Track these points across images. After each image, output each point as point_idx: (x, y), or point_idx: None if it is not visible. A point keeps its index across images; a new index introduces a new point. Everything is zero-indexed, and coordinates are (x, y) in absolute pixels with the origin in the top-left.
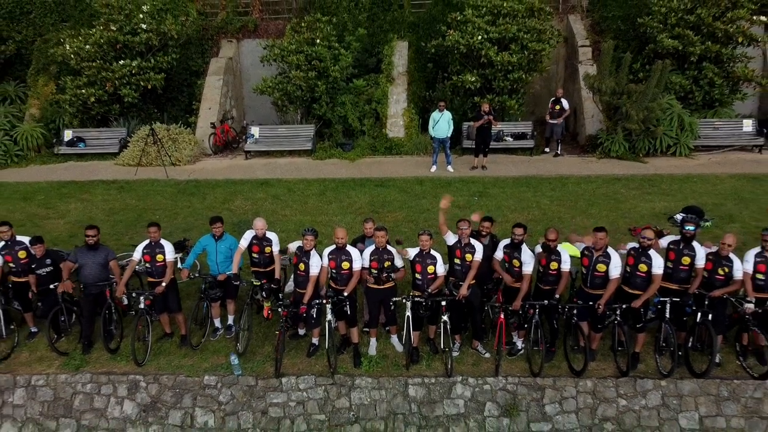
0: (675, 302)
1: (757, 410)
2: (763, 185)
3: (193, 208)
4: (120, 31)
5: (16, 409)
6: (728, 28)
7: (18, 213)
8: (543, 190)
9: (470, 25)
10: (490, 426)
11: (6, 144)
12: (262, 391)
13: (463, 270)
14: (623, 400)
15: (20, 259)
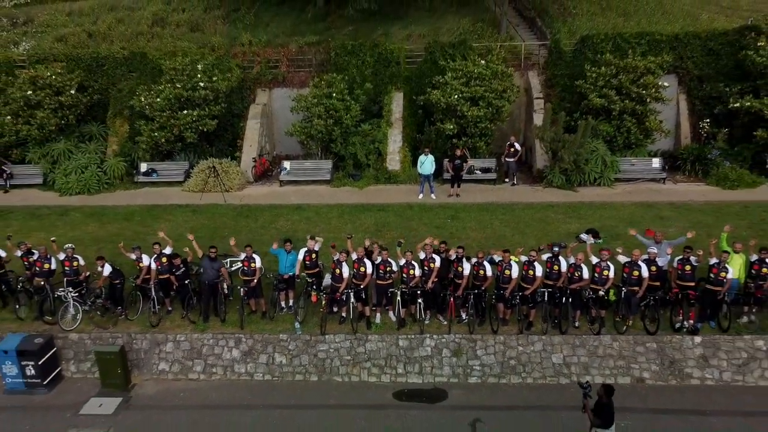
0: (550, 292)
1: (595, 353)
2: (653, 210)
3: (249, 227)
4: (183, 87)
5: (168, 354)
6: (640, 91)
7: (126, 230)
8: (497, 214)
9: (449, 86)
10: (445, 362)
11: (98, 175)
12: (314, 342)
13: (428, 272)
14: (521, 347)
15: (163, 264)
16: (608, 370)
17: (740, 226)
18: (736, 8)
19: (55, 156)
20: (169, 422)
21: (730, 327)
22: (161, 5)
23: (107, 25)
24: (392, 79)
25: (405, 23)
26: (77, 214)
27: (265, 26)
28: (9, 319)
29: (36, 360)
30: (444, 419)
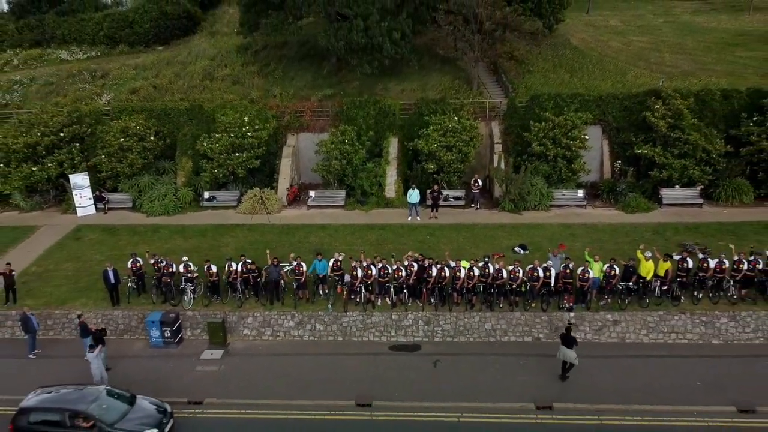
0: (485, 286)
1: (511, 322)
2: (570, 229)
3: (289, 242)
4: (235, 137)
5: (249, 324)
6: (569, 142)
7: (203, 243)
8: (462, 232)
9: (430, 137)
10: (420, 328)
11: (174, 200)
12: (339, 317)
13: (410, 274)
14: (466, 319)
15: (246, 268)
16: (519, 332)
17: (624, 241)
18: (661, 64)
19: (140, 186)
20: (252, 364)
21: (591, 306)
22: (208, 61)
23: (168, 79)
24: (389, 127)
25: (400, 79)
26: (165, 231)
27: (291, 79)
28: (146, 304)
29: (170, 327)
30: (418, 361)
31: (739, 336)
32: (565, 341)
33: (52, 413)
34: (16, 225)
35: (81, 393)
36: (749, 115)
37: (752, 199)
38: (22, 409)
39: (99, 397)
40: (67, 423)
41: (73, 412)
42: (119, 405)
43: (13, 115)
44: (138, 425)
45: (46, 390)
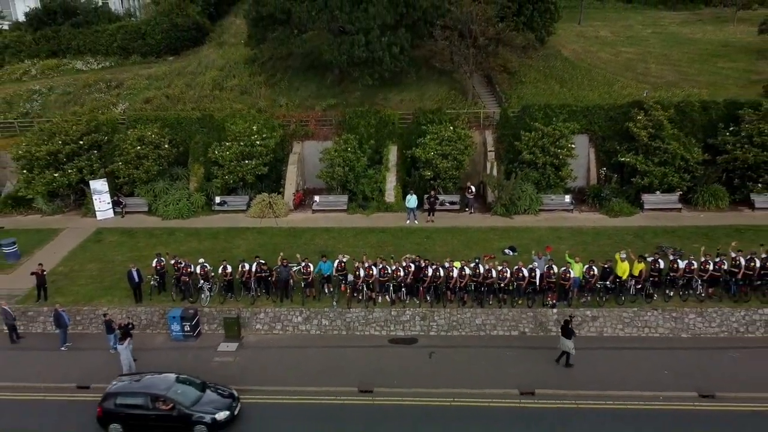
0: (475, 285)
1: (499, 318)
2: (557, 233)
3: (297, 244)
4: (245, 145)
5: (261, 319)
6: (557, 150)
7: (216, 246)
8: (456, 235)
9: (427, 146)
10: (417, 323)
11: (188, 204)
12: (343, 313)
13: (407, 274)
14: (459, 315)
15: (259, 268)
16: (506, 327)
17: (606, 243)
18: (647, 75)
19: (156, 191)
20: (265, 355)
21: (572, 303)
22: (217, 71)
23: (179, 89)
24: (389, 136)
25: (399, 89)
26: (181, 234)
27: (296, 90)
28: (166, 301)
29: (189, 322)
30: (415, 352)
31: (705, 330)
32: (564, 333)
33: (135, 397)
34: (40, 228)
35: (157, 380)
36: (726, 125)
37: (727, 204)
38: (108, 394)
39: (174, 384)
40: (150, 406)
41: (155, 396)
42: (193, 391)
43: (34, 124)
44: (212, 408)
45: (126, 377)
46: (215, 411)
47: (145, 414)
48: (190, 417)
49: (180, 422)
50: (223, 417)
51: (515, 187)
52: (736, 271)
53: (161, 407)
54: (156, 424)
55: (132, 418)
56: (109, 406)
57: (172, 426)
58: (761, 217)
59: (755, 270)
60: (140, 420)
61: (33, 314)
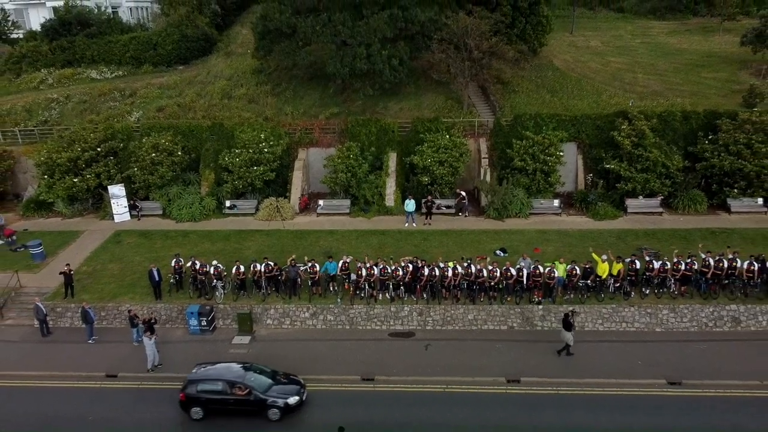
0: (468, 283)
1: (490, 313)
2: (545, 235)
3: (303, 245)
4: (253, 152)
5: (271, 315)
6: (546, 158)
7: (227, 247)
8: (451, 237)
9: (425, 153)
10: (414, 318)
11: (200, 208)
12: (347, 309)
13: (406, 273)
14: (453, 311)
15: (268, 268)
16: (496, 322)
17: (591, 245)
18: (634, 84)
19: (170, 196)
20: (275, 348)
21: (556, 300)
22: (226, 81)
23: (190, 98)
24: (389, 144)
25: (398, 99)
26: (194, 236)
27: (300, 99)
28: (183, 298)
29: (206, 317)
30: (412, 345)
31: (677, 325)
32: (564, 326)
33: (215, 383)
34: (62, 230)
35: (232, 367)
36: (705, 134)
37: (705, 208)
38: (189, 381)
39: (248, 371)
40: (228, 391)
41: (232, 382)
42: (265, 378)
43: (53, 132)
44: (283, 394)
45: (204, 365)
46: (287, 396)
47: (224, 398)
48: (264, 401)
49: (256, 406)
50: (293, 402)
51: (507, 192)
52: (706, 271)
53: (238, 392)
54: (234, 408)
55: (212, 402)
56: (191, 391)
57: (249, 409)
58: (736, 221)
59: (723, 270)
60: (219, 404)
61: (61, 310)
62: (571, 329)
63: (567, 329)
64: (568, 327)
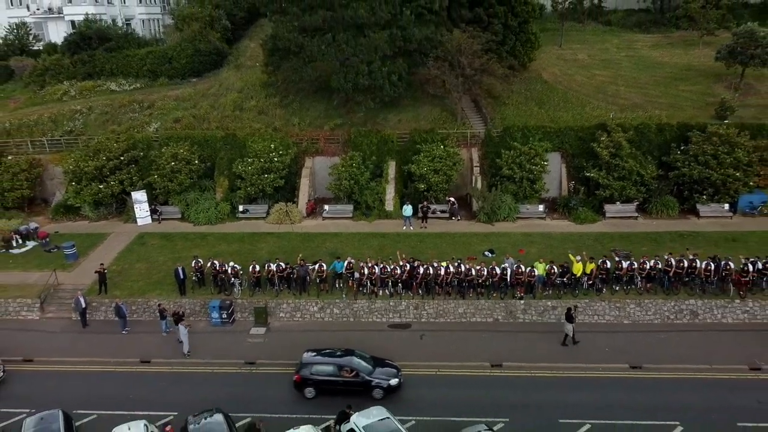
0: (458, 280)
1: (477, 307)
2: (530, 237)
3: (311, 247)
4: (264, 161)
5: (284, 309)
6: (532, 167)
7: (242, 248)
8: (445, 239)
9: (421, 163)
10: (410, 311)
11: (216, 212)
12: (351, 303)
13: (403, 272)
14: (445, 305)
15: (280, 267)
16: (483, 315)
17: (570, 246)
18: (616, 97)
19: (188, 201)
20: (287, 338)
21: (536, 296)
22: (237, 94)
23: (204, 110)
24: (389, 153)
25: (397, 111)
26: (211, 238)
27: (306, 110)
28: (205, 294)
29: (226, 311)
30: (409, 335)
31: (642, 317)
32: (567, 318)
33: (326, 366)
34: (90, 232)
35: (337, 352)
36: (678, 145)
37: (677, 213)
38: (303, 364)
39: (353, 356)
40: (338, 373)
41: (341, 365)
42: (366, 363)
43: (78, 142)
44: (385, 376)
45: (313, 351)
46: (389, 378)
47: (334, 380)
48: (370, 383)
49: (362, 387)
50: (395, 383)
51: (496, 197)
52: (669, 270)
53: (346, 375)
54: (342, 388)
55: (324, 383)
56: (305, 374)
57: (356, 389)
58: (704, 224)
59: (683, 269)
60: (330, 385)
61: (96, 305)
62: (572, 321)
63: (569, 321)
64: (570, 320)
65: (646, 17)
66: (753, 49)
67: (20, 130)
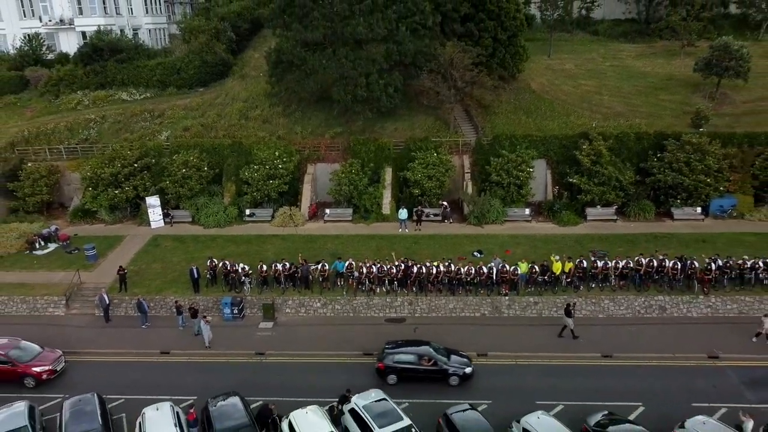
0: (449, 278)
1: (466, 303)
2: (516, 239)
3: (313, 248)
4: (269, 168)
5: (289, 305)
6: (518, 173)
7: (250, 249)
8: (438, 241)
9: (416, 169)
10: (405, 308)
11: (224, 216)
12: (351, 300)
13: (398, 271)
14: (437, 301)
15: (285, 267)
16: (471, 310)
17: (553, 248)
18: (600, 106)
19: (198, 205)
20: (293, 331)
21: (519, 293)
22: (242, 103)
23: (212, 118)
24: (385, 160)
25: (394, 120)
26: (221, 240)
27: (308, 119)
28: (217, 292)
29: (237, 307)
30: (404, 328)
31: (616, 312)
32: (566, 313)
33: (407, 355)
34: (107, 235)
35: (416, 343)
36: (654, 153)
37: (653, 216)
38: (386, 354)
39: (429, 347)
40: (417, 362)
41: (420, 355)
42: (442, 353)
43: (94, 149)
44: (460, 365)
45: (392, 342)
46: (464, 367)
47: (415, 368)
48: (447, 371)
49: (440, 374)
50: (469, 371)
51: (485, 202)
52: (639, 269)
53: (425, 363)
54: (422, 376)
55: (405, 371)
56: (388, 362)
57: (434, 377)
58: (677, 226)
59: (653, 268)
60: (411, 372)
61: (117, 302)
62: (571, 316)
63: (568, 316)
64: (568, 314)
65: (632, 27)
66: (728, 61)
67: (38, 138)
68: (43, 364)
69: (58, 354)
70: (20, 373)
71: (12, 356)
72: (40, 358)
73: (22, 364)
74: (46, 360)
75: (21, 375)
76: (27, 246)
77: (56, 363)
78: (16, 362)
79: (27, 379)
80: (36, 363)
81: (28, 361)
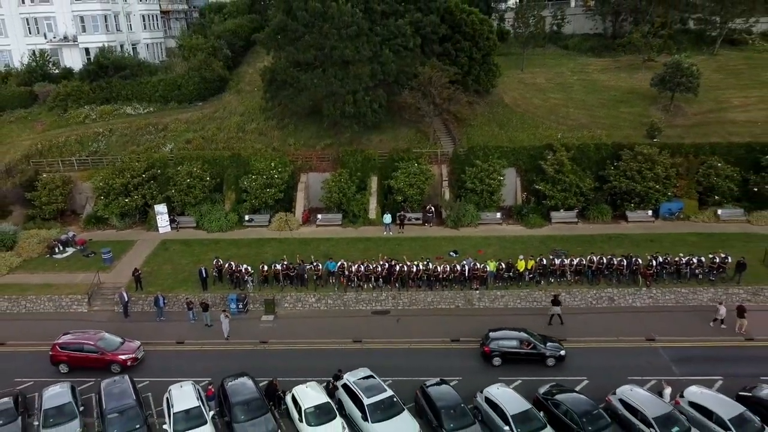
0: (435, 276)
1: (449, 298)
2: (488, 240)
3: (308, 250)
4: (266, 178)
5: (288, 300)
6: (490, 180)
7: (251, 251)
8: (418, 242)
9: (399, 178)
10: (390, 301)
11: (226, 221)
12: (342, 295)
13: (383, 269)
14: (422, 296)
15: (284, 266)
16: (446, 303)
17: (520, 247)
18: (567, 118)
19: (201, 212)
20: (292, 323)
21: (489, 287)
22: (239, 117)
23: (212, 132)
24: (371, 169)
25: (379, 132)
26: (223, 243)
27: (300, 132)
28: (223, 289)
29: (242, 303)
30: (388, 319)
31: (571, 303)
32: (553, 303)
33: (510, 340)
34: (119, 240)
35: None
36: (612, 162)
37: (610, 218)
38: (491, 339)
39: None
40: (519, 346)
41: (521, 340)
42: (538, 339)
43: (103, 161)
44: (555, 348)
45: (494, 329)
46: (558, 350)
47: (517, 351)
48: (544, 354)
49: (538, 357)
50: (563, 354)
51: (461, 207)
52: (592, 265)
53: (526, 347)
54: (523, 358)
55: (508, 354)
56: (493, 346)
57: (533, 359)
58: (631, 228)
59: (603, 264)
60: (514, 355)
61: (134, 299)
62: (558, 305)
63: (555, 305)
64: (556, 303)
65: (599, 42)
66: (679, 78)
67: (51, 150)
68: (127, 353)
69: (138, 344)
70: (108, 361)
71: (101, 346)
72: (124, 348)
73: (110, 353)
74: (129, 349)
75: (109, 363)
76: (47, 250)
77: (138, 351)
78: (105, 351)
79: (114, 366)
80: (122, 351)
81: (114, 350)
